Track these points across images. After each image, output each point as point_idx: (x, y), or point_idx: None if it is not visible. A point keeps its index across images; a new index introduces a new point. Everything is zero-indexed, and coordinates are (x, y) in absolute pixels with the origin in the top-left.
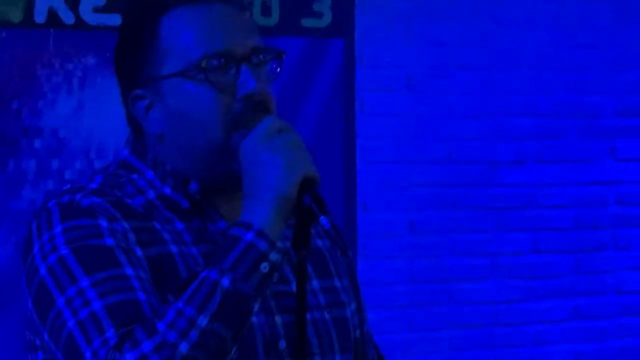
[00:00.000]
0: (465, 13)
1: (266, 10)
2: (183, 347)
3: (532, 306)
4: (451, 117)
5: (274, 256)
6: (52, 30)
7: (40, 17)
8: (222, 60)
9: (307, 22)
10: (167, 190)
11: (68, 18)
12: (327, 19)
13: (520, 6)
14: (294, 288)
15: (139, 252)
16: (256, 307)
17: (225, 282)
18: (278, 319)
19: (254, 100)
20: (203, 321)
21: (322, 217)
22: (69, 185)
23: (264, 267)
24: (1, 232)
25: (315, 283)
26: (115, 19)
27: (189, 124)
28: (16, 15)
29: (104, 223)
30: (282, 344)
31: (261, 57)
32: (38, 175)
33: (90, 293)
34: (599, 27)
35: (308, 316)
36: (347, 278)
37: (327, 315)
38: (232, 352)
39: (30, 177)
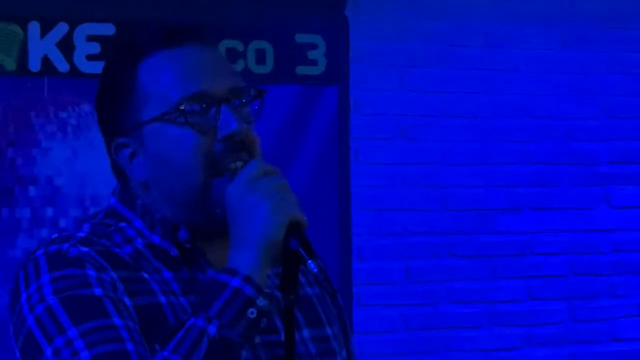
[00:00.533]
0: (458, 61)
1: (261, 58)
2: None
3: (529, 354)
4: (445, 165)
5: (261, 301)
6: (46, 78)
7: (34, 66)
8: (201, 101)
9: (301, 70)
10: (156, 239)
11: (62, 66)
12: (321, 66)
13: (515, 54)
14: (282, 337)
15: (127, 301)
16: (244, 354)
17: (212, 329)
18: None
19: (235, 140)
20: None
21: (309, 260)
22: (56, 234)
23: (251, 312)
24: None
25: (305, 332)
26: None
27: (170, 169)
28: (10, 64)
29: (92, 273)
30: None
31: (242, 98)
32: (33, 224)
33: (78, 343)
34: (593, 75)
35: None
36: (337, 325)
37: None
38: None
39: (25, 225)
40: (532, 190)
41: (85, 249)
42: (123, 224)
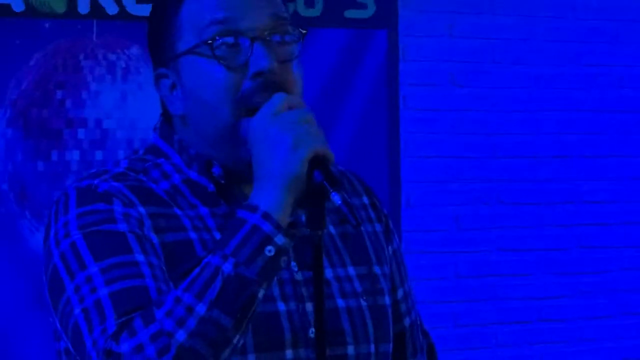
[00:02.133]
0: (507, 8)
1: (310, 2)
2: (180, 336)
3: (578, 302)
4: (494, 112)
5: (280, 239)
6: (95, 21)
7: (83, 8)
8: (235, 36)
9: (350, 14)
10: (193, 175)
11: (112, 9)
12: (370, 10)
13: (563, 1)
14: (328, 274)
15: (154, 238)
16: (261, 293)
17: (227, 267)
18: (309, 306)
19: (266, 79)
20: (202, 309)
21: (333, 193)
22: (94, 170)
23: (269, 250)
24: (45, 223)
25: (351, 269)
26: None
27: (201, 105)
28: (60, 6)
29: (118, 208)
30: (313, 332)
31: (283, 34)
32: (81, 166)
33: (97, 280)
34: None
35: (342, 304)
36: (389, 265)
37: (363, 303)
38: (236, 341)
39: (74, 167)
40: (581, 137)
41: (116, 184)
42: (161, 160)
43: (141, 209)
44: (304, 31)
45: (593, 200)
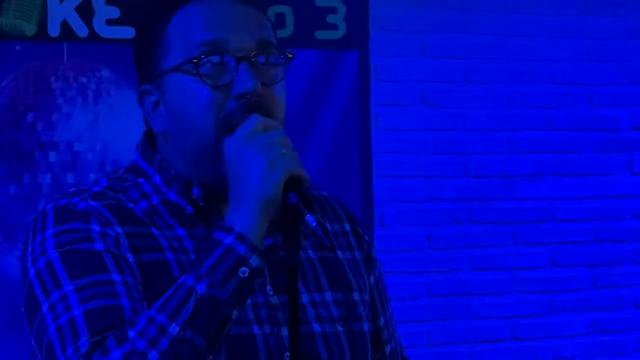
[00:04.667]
0: (479, 27)
1: (281, 22)
2: (152, 356)
3: (551, 320)
4: (466, 131)
5: (254, 261)
6: (65, 43)
7: (53, 31)
8: (220, 56)
9: (321, 34)
10: (172, 196)
11: (82, 31)
12: (341, 31)
13: (535, 20)
14: (305, 300)
15: (130, 258)
16: (235, 314)
17: (201, 287)
18: (284, 330)
19: (249, 100)
20: (174, 329)
21: (307, 215)
22: (73, 188)
23: (243, 271)
24: (18, 246)
25: (328, 295)
26: (129, 32)
27: (184, 123)
28: (30, 29)
29: (96, 227)
30: (288, 357)
31: (268, 55)
32: (53, 189)
33: (72, 298)
34: (613, 41)
35: (317, 329)
36: (369, 292)
37: (339, 329)
38: None
39: (45, 190)
40: (553, 156)
41: (94, 203)
42: (141, 180)
43: (118, 229)
44: (290, 55)
45: (566, 218)
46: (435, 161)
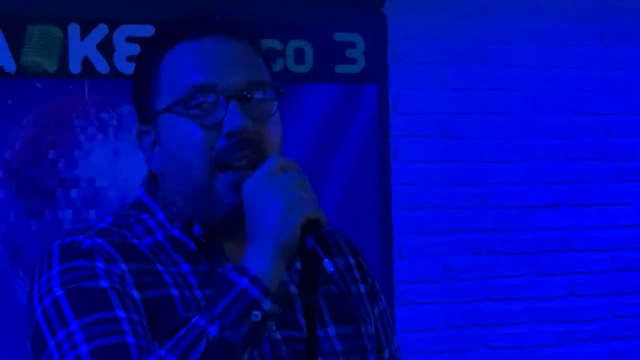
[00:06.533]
0: (496, 58)
1: (300, 58)
2: None
3: (569, 350)
4: (484, 162)
5: (266, 304)
6: (86, 80)
7: (75, 68)
8: (208, 94)
9: (340, 69)
10: (176, 232)
11: (102, 68)
12: (360, 65)
13: (552, 51)
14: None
15: (135, 294)
16: (245, 357)
17: (213, 330)
18: None
19: (240, 137)
20: None
21: (325, 260)
22: (79, 226)
23: (255, 315)
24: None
25: (331, 330)
26: None
27: (177, 161)
28: (51, 66)
29: (100, 265)
30: None
31: (255, 93)
32: (75, 225)
33: (78, 336)
34: (630, 71)
35: None
36: (374, 324)
37: None
38: None
39: (67, 226)
40: (571, 187)
41: (100, 240)
42: (146, 216)
43: (123, 266)
44: (281, 90)
45: (584, 248)
46: (453, 192)
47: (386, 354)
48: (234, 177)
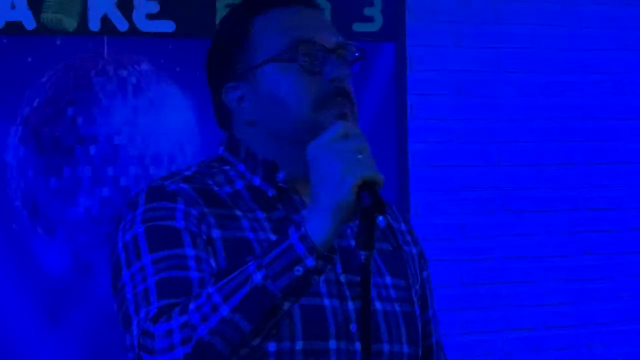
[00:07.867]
0: (514, 17)
1: None
2: (201, 331)
3: (584, 308)
4: (500, 120)
5: (310, 262)
6: (105, 37)
7: (94, 25)
8: (311, 47)
9: (358, 27)
10: (256, 180)
11: (122, 25)
12: (378, 23)
13: (569, 11)
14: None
15: (216, 234)
16: (287, 305)
17: (257, 277)
18: (351, 305)
19: (340, 84)
20: (225, 310)
21: (379, 217)
22: (168, 172)
23: (297, 270)
24: (58, 239)
25: (388, 279)
26: (168, 26)
27: (280, 105)
28: (70, 23)
29: (181, 206)
30: (353, 328)
31: (346, 54)
32: (93, 182)
33: (149, 269)
34: None
35: (379, 306)
36: (420, 285)
37: (397, 308)
38: (255, 343)
39: (85, 184)
40: (586, 145)
41: (185, 185)
42: (227, 167)
43: (205, 209)
44: (363, 51)
45: (597, 207)
46: (469, 150)
47: (430, 313)
48: (337, 110)
